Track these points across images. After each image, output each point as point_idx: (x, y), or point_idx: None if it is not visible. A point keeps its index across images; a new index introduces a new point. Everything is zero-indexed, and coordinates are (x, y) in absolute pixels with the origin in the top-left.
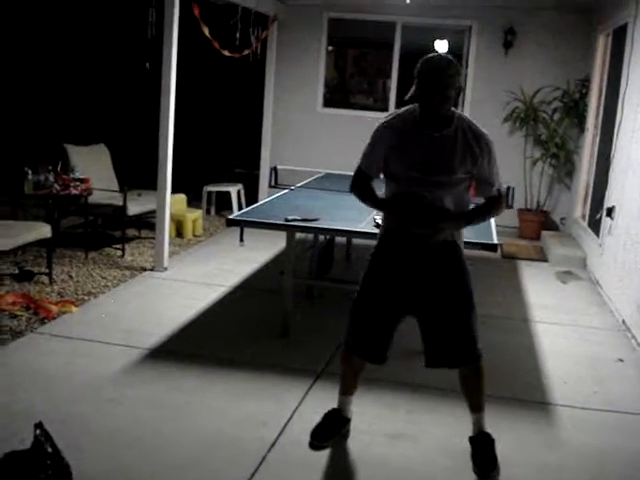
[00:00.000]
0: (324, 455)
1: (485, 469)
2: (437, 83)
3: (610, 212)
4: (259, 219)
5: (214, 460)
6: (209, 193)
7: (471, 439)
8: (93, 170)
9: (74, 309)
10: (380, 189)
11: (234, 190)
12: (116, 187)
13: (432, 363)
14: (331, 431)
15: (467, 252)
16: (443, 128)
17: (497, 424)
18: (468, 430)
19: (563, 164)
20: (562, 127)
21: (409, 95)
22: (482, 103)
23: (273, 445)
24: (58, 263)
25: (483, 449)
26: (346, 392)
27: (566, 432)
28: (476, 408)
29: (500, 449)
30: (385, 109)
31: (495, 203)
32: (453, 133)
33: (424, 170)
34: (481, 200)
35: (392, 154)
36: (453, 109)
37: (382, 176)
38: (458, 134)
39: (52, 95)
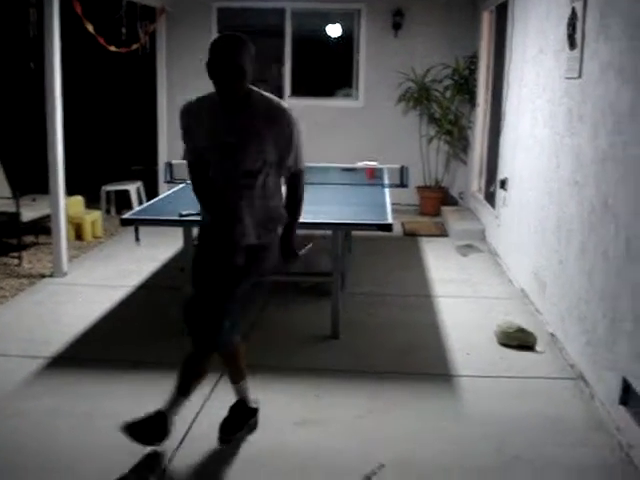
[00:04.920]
0: (233, 448)
1: (226, 432)
2: (225, 62)
3: (503, 184)
4: (153, 216)
5: (122, 467)
6: (108, 193)
7: (231, 407)
8: None
9: None
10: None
11: (133, 188)
12: (8, 193)
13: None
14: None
15: (365, 233)
16: (244, 108)
17: (402, 400)
18: (376, 410)
19: (457, 140)
20: (454, 104)
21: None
22: (375, 85)
23: (181, 443)
24: None
25: (234, 415)
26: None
27: (471, 402)
28: (235, 380)
29: (406, 424)
30: (280, 96)
31: (298, 182)
32: (253, 111)
33: (223, 152)
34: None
35: (193, 137)
36: (254, 88)
37: None
38: (258, 112)
39: None
